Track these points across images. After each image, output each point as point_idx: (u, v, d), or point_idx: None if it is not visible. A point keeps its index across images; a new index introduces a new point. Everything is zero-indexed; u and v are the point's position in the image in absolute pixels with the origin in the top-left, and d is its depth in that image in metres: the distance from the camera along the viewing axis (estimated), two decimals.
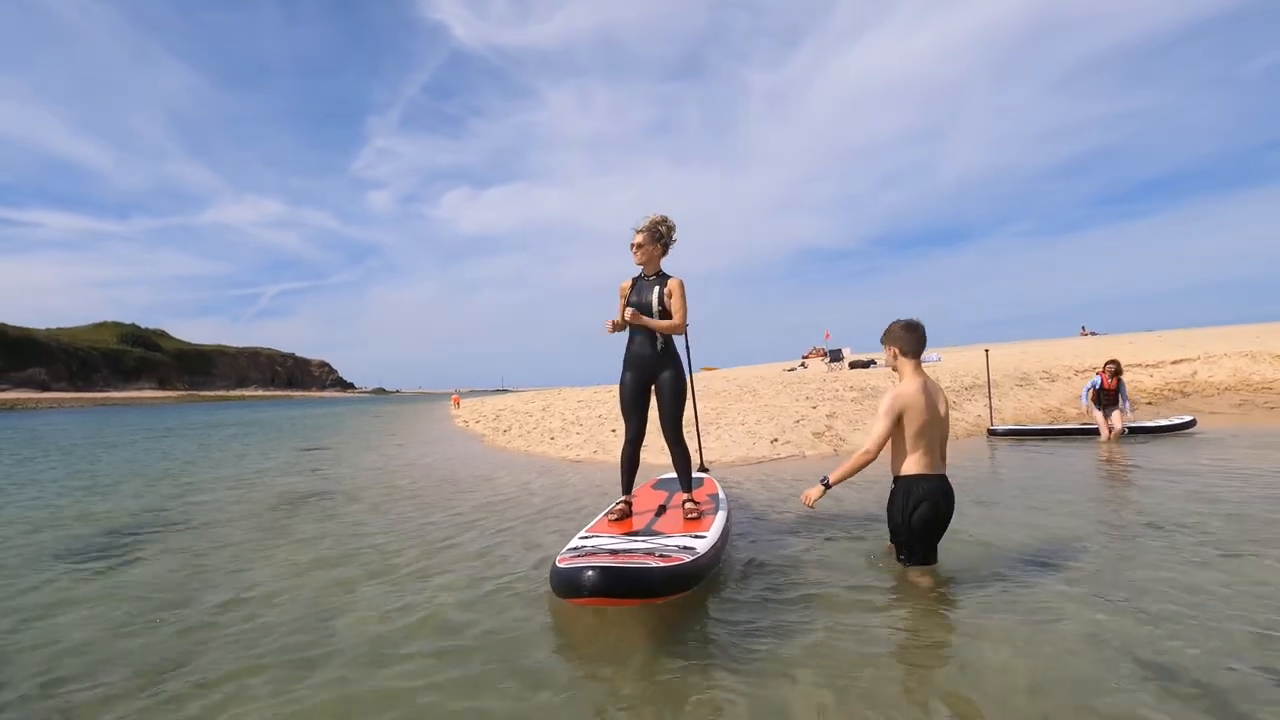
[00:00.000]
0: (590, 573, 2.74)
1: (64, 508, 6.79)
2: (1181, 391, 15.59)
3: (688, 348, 8.14)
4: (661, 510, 4.27)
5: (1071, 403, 14.23)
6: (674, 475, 4.90)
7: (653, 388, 4.15)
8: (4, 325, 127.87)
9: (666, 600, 2.93)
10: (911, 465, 3.39)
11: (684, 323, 4.13)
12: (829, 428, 10.01)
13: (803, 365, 27.44)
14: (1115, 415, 9.56)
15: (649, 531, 3.69)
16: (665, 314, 4.07)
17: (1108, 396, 9.71)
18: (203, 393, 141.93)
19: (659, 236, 4.19)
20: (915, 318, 3.51)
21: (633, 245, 4.19)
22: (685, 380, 4.18)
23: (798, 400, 12.24)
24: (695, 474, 5.11)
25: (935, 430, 3.40)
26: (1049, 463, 7.54)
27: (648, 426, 4.23)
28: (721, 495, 4.61)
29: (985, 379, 12.17)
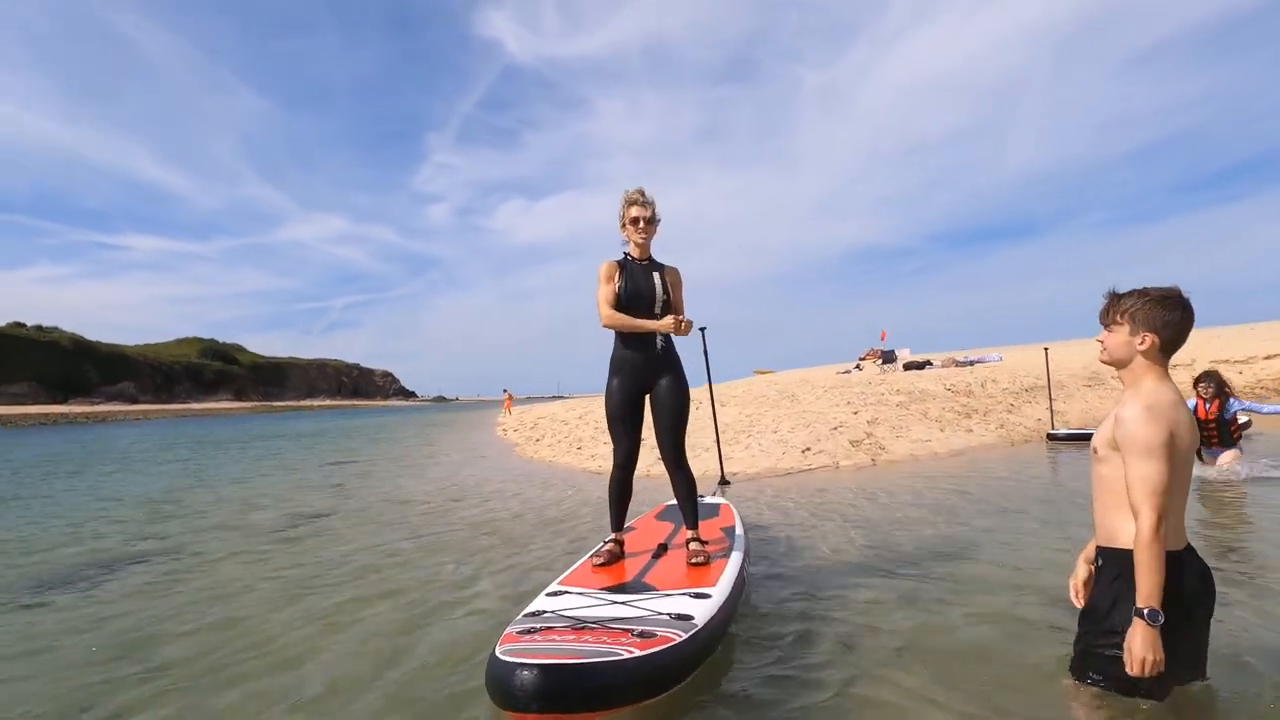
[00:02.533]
0: (527, 675, 1.95)
1: (63, 531, 6.85)
2: (1276, 390, 14.11)
3: (706, 350, 7.73)
4: (661, 551, 3.40)
5: None
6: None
7: (647, 398, 3.36)
8: (97, 343, 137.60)
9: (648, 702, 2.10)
10: (1174, 534, 1.92)
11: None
12: (869, 435, 9.33)
13: (857, 368, 26.39)
14: (1227, 457, 6.32)
15: (639, 585, 2.87)
16: (668, 306, 3.35)
17: (1210, 431, 6.36)
18: (275, 403, 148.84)
19: (655, 211, 3.40)
20: (1179, 288, 1.98)
21: (636, 220, 3.33)
22: (688, 388, 3.40)
23: (838, 405, 11.55)
24: (710, 499, 4.50)
25: (1187, 474, 1.98)
26: None
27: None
28: (739, 529, 3.75)
29: (1046, 379, 11.20)
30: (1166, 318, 1.97)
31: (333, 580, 4.25)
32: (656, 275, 3.34)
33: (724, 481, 7.27)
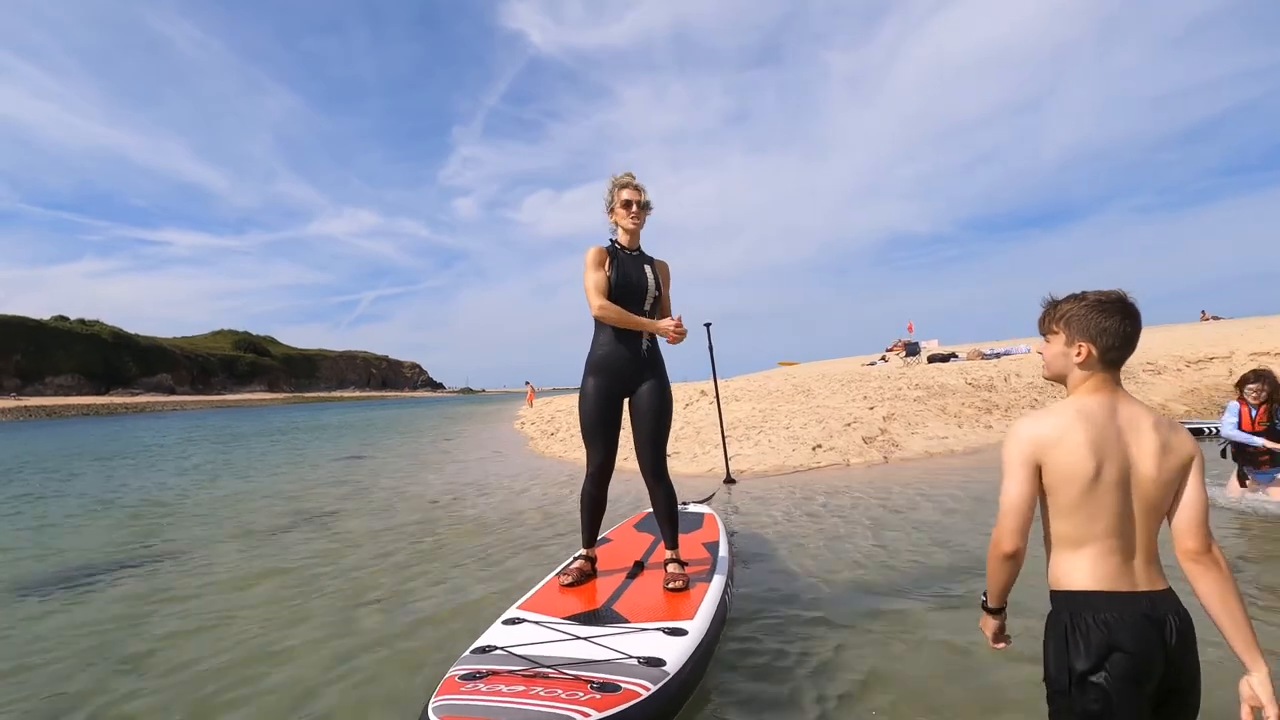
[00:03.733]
0: None
1: (61, 531, 7.00)
2: None
3: (711, 346, 7.63)
4: (637, 570, 3.12)
5: (1181, 398, 12.54)
6: None
7: (626, 402, 3.09)
8: (137, 335, 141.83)
9: None
10: (1076, 570, 1.64)
11: None
12: (883, 431, 9.14)
13: (883, 359, 25.98)
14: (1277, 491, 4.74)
15: (608, 614, 2.56)
16: (659, 301, 3.12)
17: (1258, 448, 4.77)
18: (306, 394, 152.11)
19: (644, 194, 3.16)
20: (1121, 291, 1.68)
21: (629, 203, 3.08)
22: (670, 393, 3.13)
23: (854, 400, 11.33)
24: (693, 508, 4.30)
25: (1129, 500, 1.61)
26: None
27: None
28: (723, 547, 3.43)
29: None
30: (1104, 324, 1.68)
31: (328, 586, 4.26)
32: (648, 267, 3.09)
33: (729, 480, 7.19)
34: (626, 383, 3.05)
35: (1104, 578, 1.60)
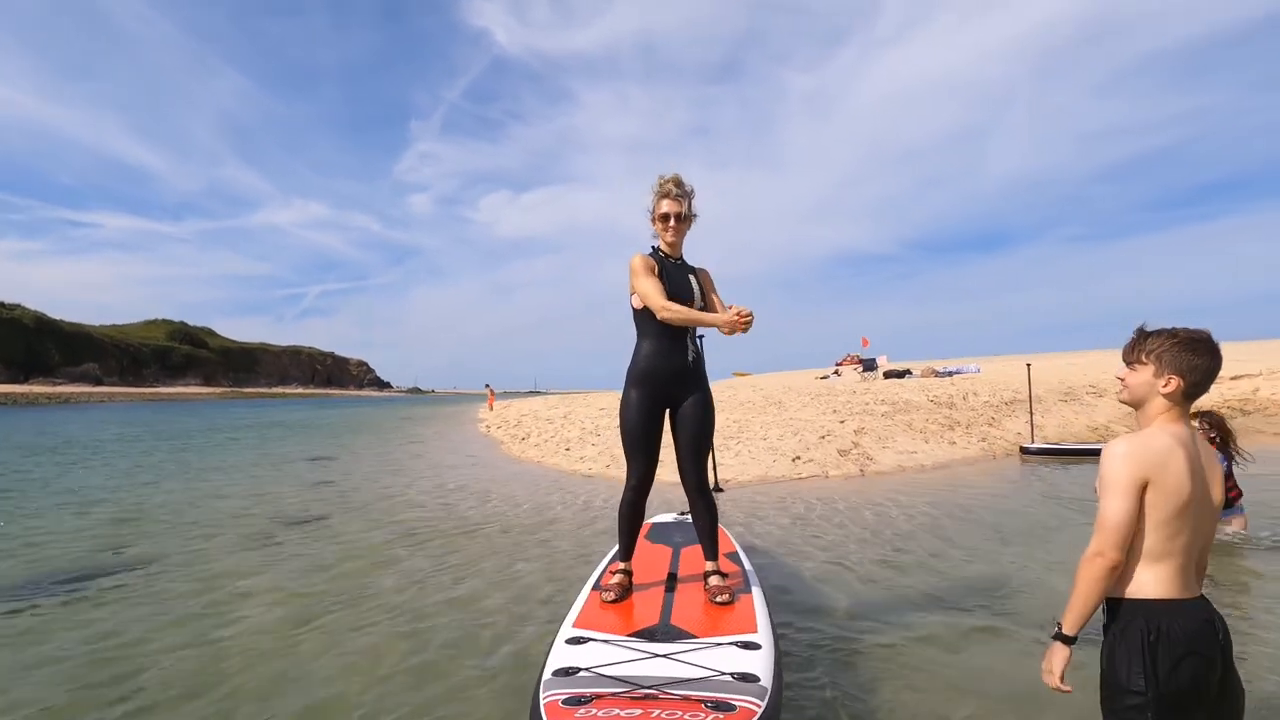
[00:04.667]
0: None
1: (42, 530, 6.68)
2: (1241, 410, 14.58)
3: (702, 355, 7.80)
4: (672, 583, 3.02)
5: (1122, 420, 13.38)
6: (670, 519, 3.96)
7: (667, 413, 3.00)
8: (61, 321, 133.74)
9: None
10: (1148, 580, 1.84)
11: None
12: (856, 445, 9.48)
13: (836, 373, 26.72)
14: (1236, 523, 4.84)
15: (670, 630, 2.49)
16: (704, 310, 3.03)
17: None
18: (245, 390, 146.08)
19: (691, 204, 3.07)
20: (1208, 332, 1.90)
21: (667, 218, 2.99)
22: (713, 404, 3.08)
23: (824, 414, 11.70)
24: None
25: (1199, 521, 1.86)
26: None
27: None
28: (744, 558, 3.37)
29: (1027, 394, 11.47)
30: (1194, 362, 1.88)
31: (326, 599, 4.19)
32: (691, 277, 3.02)
33: (717, 488, 7.36)
34: (670, 394, 2.97)
35: (1179, 588, 1.79)
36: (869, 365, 26.29)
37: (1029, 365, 12.23)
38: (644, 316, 2.92)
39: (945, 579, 4.02)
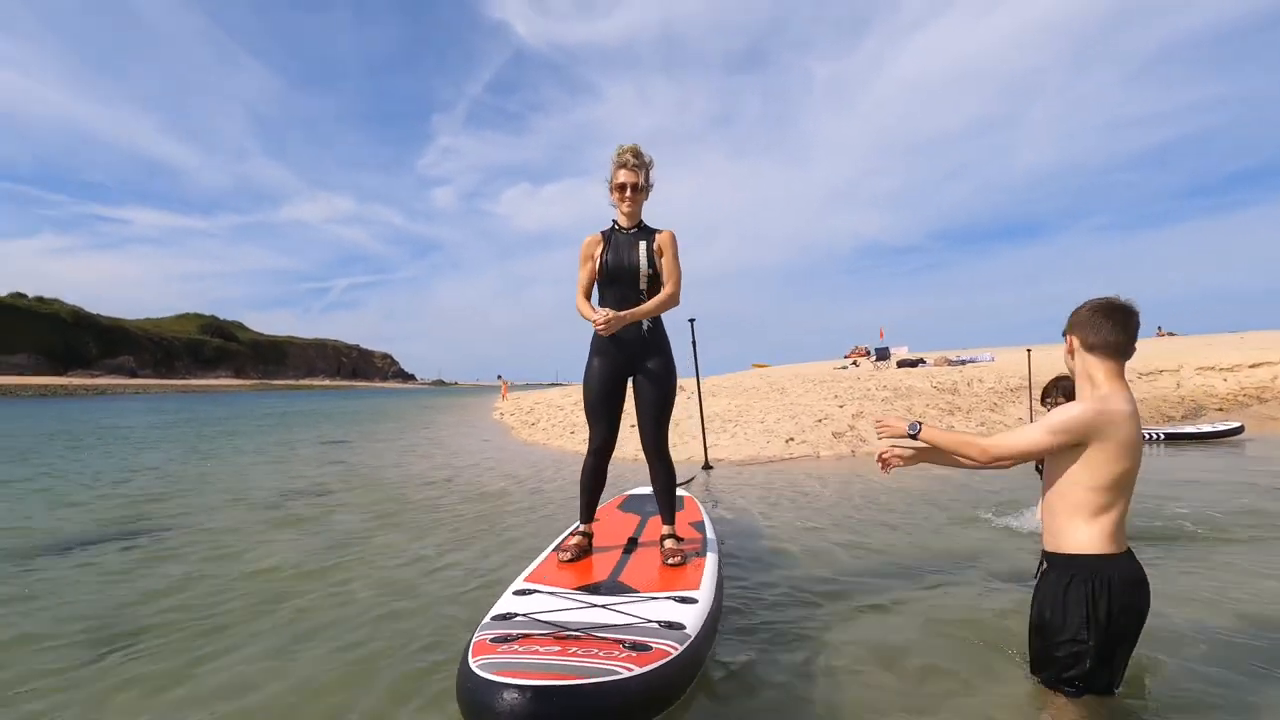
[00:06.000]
0: (515, 698, 1.68)
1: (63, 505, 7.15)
2: (1259, 398, 14.42)
3: (694, 341, 8.02)
4: (632, 546, 3.19)
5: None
6: (646, 492, 3.88)
7: (630, 382, 3.12)
8: (99, 315, 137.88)
9: None
10: (1098, 538, 2.02)
11: (678, 292, 3.10)
12: (851, 428, 9.65)
13: (854, 364, 26.70)
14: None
15: (615, 585, 2.63)
16: (655, 280, 3.07)
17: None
18: (274, 381, 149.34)
19: (649, 175, 3.11)
20: (1120, 296, 2.12)
21: (624, 187, 3.05)
22: (674, 374, 3.16)
23: (825, 399, 11.87)
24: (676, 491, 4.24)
25: (1132, 482, 2.06)
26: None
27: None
28: (709, 527, 3.52)
29: (1029, 380, 11.54)
30: (1083, 318, 2.10)
31: (325, 560, 4.42)
32: (643, 245, 3.04)
33: (707, 466, 7.62)
34: (629, 363, 3.08)
35: (1116, 543, 2.02)
36: (882, 354, 26.25)
37: (1029, 351, 12.25)
38: (601, 291, 3.10)
39: (908, 548, 4.18)
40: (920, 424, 2.26)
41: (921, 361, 23.27)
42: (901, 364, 23.07)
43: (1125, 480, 1.99)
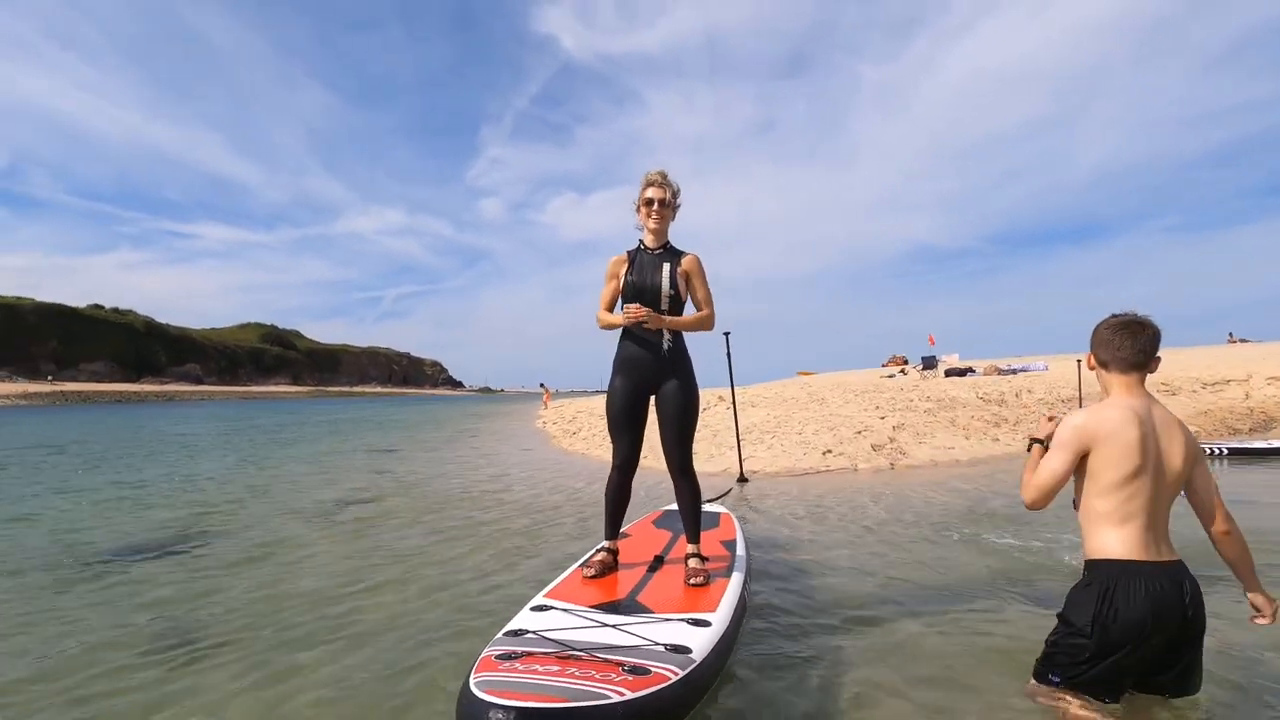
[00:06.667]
0: (499, 718, 1.74)
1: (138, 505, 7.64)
2: None
3: (729, 354, 8.11)
4: (657, 564, 3.21)
5: (1192, 420, 12.73)
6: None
7: (652, 400, 3.17)
8: (167, 326, 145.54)
9: None
10: (1120, 543, 2.07)
11: (713, 315, 3.19)
12: (892, 440, 9.53)
13: (902, 371, 26.18)
14: None
15: (632, 605, 2.66)
16: (677, 301, 3.12)
17: None
18: (329, 389, 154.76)
19: (676, 195, 3.19)
20: (1136, 312, 2.20)
21: (651, 201, 3.13)
22: (696, 391, 3.20)
23: (866, 410, 11.73)
24: (709, 507, 4.23)
25: (1157, 487, 2.08)
26: None
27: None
28: (740, 545, 3.53)
29: (1082, 391, 11.19)
30: (1098, 335, 2.21)
31: (375, 571, 4.72)
32: (667, 267, 3.10)
33: (742, 479, 7.66)
34: (650, 381, 3.13)
35: (1142, 549, 2.06)
36: (929, 363, 25.69)
37: (1079, 361, 11.84)
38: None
39: (939, 567, 4.11)
40: (1043, 444, 2.26)
41: (970, 370, 22.68)
42: (949, 373, 22.53)
43: (1130, 485, 2.04)
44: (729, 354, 7.95)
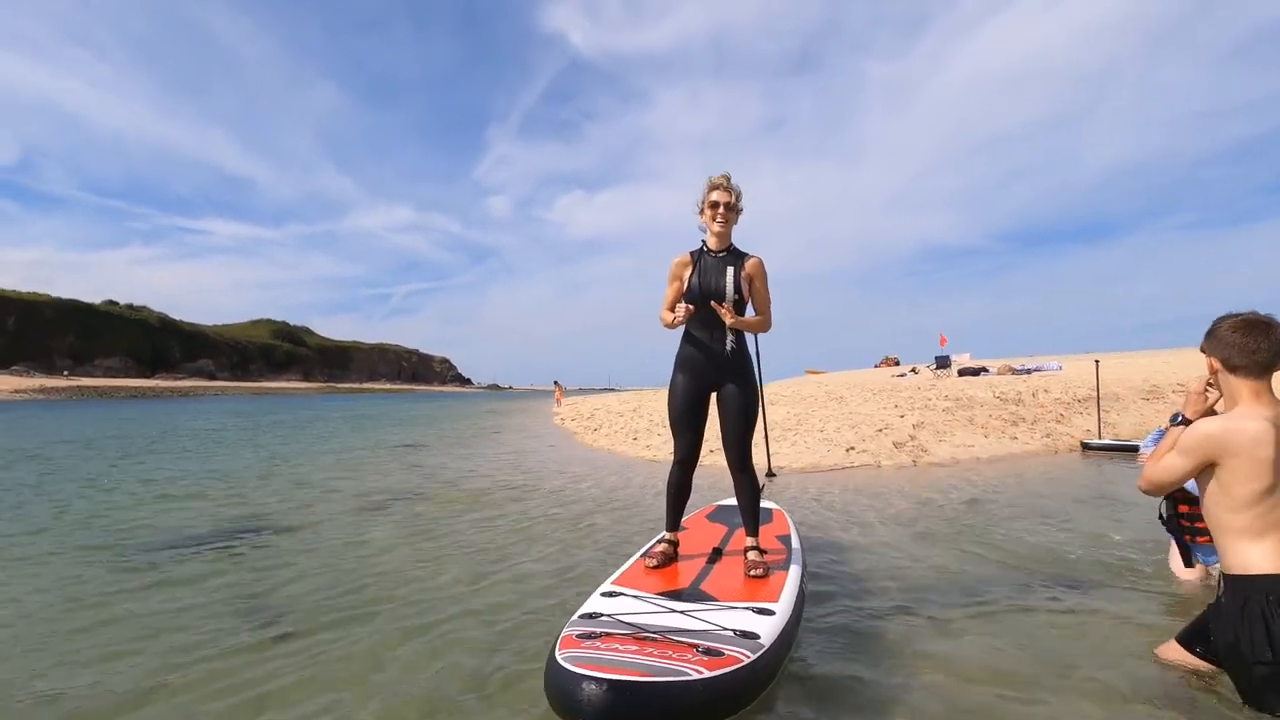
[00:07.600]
0: (594, 689, 1.86)
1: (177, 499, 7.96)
2: None
3: (757, 353, 8.34)
4: (716, 556, 3.30)
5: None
6: (735, 503, 3.84)
7: (714, 396, 3.26)
8: (181, 322, 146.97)
9: None
10: (1269, 556, 1.99)
11: (770, 318, 3.29)
12: (912, 438, 9.75)
13: (914, 371, 26.31)
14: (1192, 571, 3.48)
15: (696, 593, 2.75)
16: (741, 304, 3.18)
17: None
18: (339, 385, 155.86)
19: (740, 199, 3.24)
20: (1259, 312, 2.11)
21: (716, 204, 3.18)
22: (758, 391, 3.31)
23: (885, 409, 11.95)
24: (763, 504, 4.08)
25: None
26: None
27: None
28: (795, 538, 3.62)
29: (1099, 391, 11.37)
30: (1223, 337, 2.11)
31: (427, 563, 4.95)
32: (730, 270, 3.16)
33: (770, 474, 7.90)
34: (712, 380, 3.21)
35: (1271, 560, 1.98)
36: (943, 362, 25.79)
37: (1097, 363, 12.01)
38: None
39: (981, 558, 4.26)
40: (1181, 422, 2.28)
41: (984, 370, 22.81)
42: (963, 372, 22.66)
43: (1267, 500, 1.97)
44: (757, 352, 8.17)
